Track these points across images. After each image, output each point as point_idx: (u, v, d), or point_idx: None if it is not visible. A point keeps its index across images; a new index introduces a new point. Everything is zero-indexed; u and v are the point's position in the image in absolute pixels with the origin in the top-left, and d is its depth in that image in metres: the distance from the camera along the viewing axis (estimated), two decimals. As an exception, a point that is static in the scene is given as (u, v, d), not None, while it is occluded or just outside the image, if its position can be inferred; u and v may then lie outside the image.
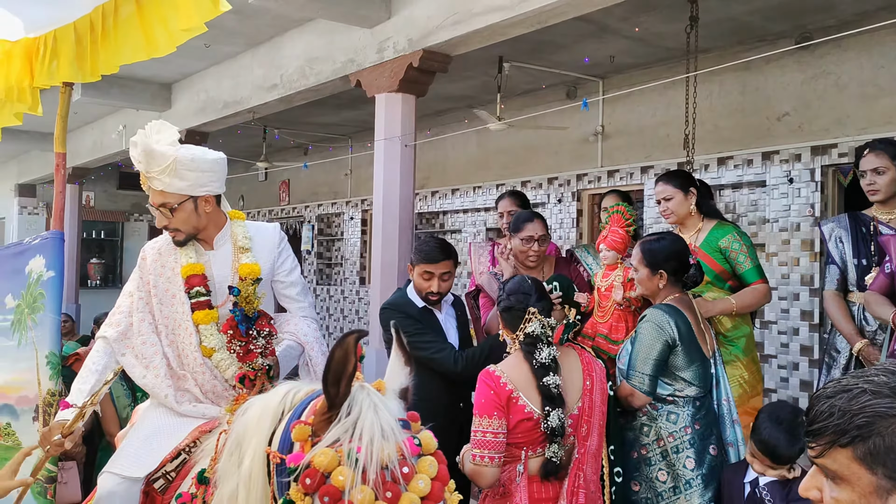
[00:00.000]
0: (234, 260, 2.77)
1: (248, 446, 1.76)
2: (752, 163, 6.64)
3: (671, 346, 2.95)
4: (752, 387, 3.71)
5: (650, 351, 2.94)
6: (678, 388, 2.99)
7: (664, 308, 3.02)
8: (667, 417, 2.99)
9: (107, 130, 10.65)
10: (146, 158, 2.56)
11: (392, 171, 5.85)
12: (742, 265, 3.66)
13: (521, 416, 2.63)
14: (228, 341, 2.57)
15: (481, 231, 9.38)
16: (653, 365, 2.93)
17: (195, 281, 2.69)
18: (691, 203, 3.74)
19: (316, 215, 12.21)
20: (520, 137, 8.57)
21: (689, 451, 2.94)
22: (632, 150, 7.61)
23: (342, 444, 1.49)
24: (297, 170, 10.99)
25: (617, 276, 3.47)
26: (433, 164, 9.76)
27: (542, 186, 8.51)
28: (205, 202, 2.69)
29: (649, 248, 3.12)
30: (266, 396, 1.83)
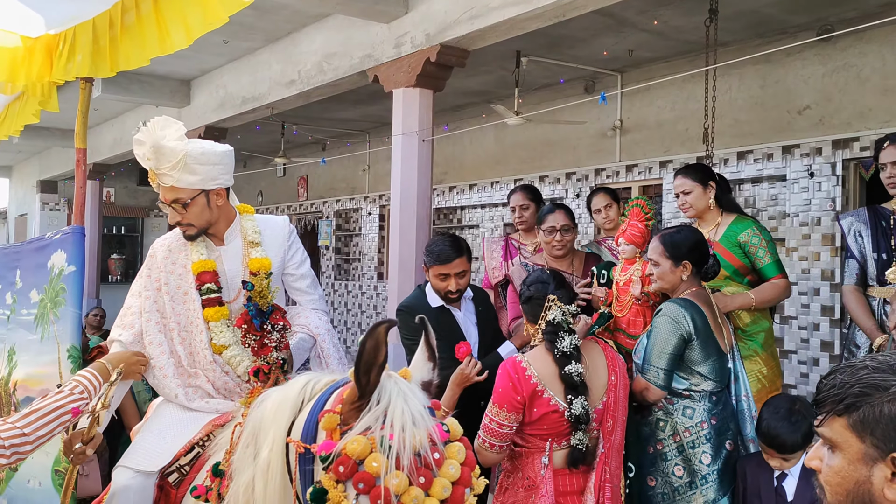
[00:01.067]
0: (245, 255, 2.77)
1: (265, 437, 1.76)
2: (772, 157, 6.59)
3: (687, 340, 2.95)
4: (771, 382, 3.70)
5: (665, 345, 2.94)
6: (694, 382, 2.98)
7: (680, 302, 3.02)
8: (682, 412, 2.98)
9: (127, 127, 10.75)
10: (155, 155, 2.56)
11: (409, 166, 5.86)
12: (761, 260, 3.65)
13: (547, 409, 2.66)
14: (243, 336, 2.57)
15: (499, 227, 9.38)
16: (668, 359, 2.93)
17: (206, 277, 2.69)
18: (710, 197, 3.74)
19: (334, 211, 12.26)
20: (538, 132, 8.56)
21: (706, 445, 2.94)
22: (650, 144, 7.58)
23: (373, 431, 1.52)
24: (315, 165, 11.02)
25: (636, 271, 3.46)
26: (451, 159, 9.76)
27: (561, 181, 8.50)
28: (216, 195, 2.70)
29: (671, 241, 3.10)
30: (283, 388, 1.84)
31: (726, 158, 6.86)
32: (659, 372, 2.93)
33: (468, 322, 3.53)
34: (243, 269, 2.76)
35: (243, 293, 2.68)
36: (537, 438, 2.70)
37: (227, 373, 2.68)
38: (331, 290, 12.25)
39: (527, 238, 4.71)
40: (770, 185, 6.73)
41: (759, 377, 3.67)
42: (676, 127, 7.31)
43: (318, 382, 1.80)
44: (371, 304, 11.35)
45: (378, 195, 11.26)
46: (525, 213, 4.67)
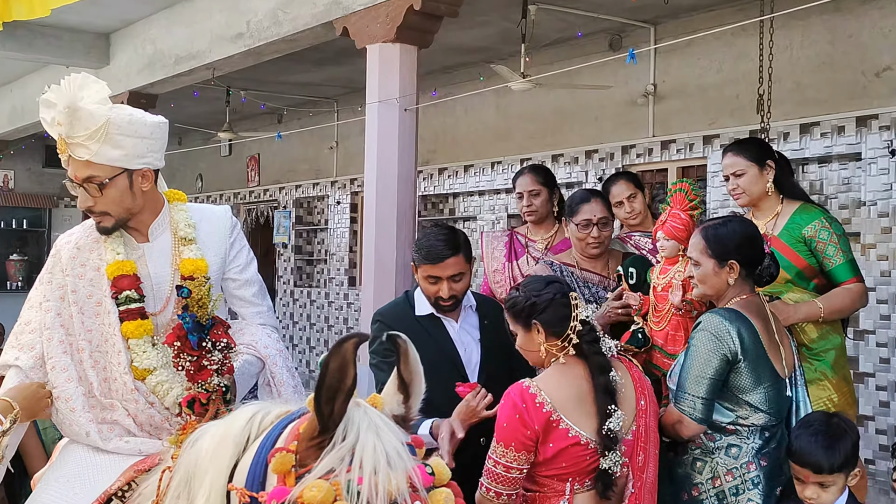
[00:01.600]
0: (175, 254, 2.74)
1: (200, 484, 1.74)
2: (843, 130, 6.64)
3: (731, 361, 2.94)
4: (844, 411, 3.72)
5: (704, 367, 2.93)
6: (741, 414, 2.97)
7: (723, 313, 3.01)
8: (726, 451, 2.98)
9: (30, 93, 10.71)
10: (69, 120, 2.50)
11: (388, 142, 5.87)
12: (831, 259, 3.66)
13: (566, 442, 2.66)
14: (175, 356, 2.51)
15: (501, 218, 9.38)
16: (707, 385, 2.92)
17: (125, 283, 2.64)
18: (768, 180, 3.74)
19: (293, 199, 12.26)
20: (549, 100, 8.54)
21: (753, 492, 2.94)
22: (691, 115, 7.60)
23: (338, 474, 1.50)
24: (270, 142, 11.02)
25: (677, 273, 3.45)
26: (440, 133, 9.73)
27: (579, 162, 8.50)
28: (142, 178, 2.65)
29: (715, 235, 3.09)
30: (223, 422, 1.82)
31: (786, 132, 6.90)
32: (696, 401, 2.92)
33: (467, 338, 3.48)
34: (172, 273, 2.73)
35: (174, 302, 2.66)
36: (554, 480, 2.69)
37: (153, 404, 2.65)
38: (289, 300, 12.23)
39: (537, 232, 4.71)
40: (841, 166, 6.77)
41: (828, 406, 3.68)
42: (724, 93, 7.32)
43: (267, 415, 1.78)
44: (340, 316, 11.35)
45: (349, 179, 11.26)
46: (535, 200, 4.66)
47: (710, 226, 3.17)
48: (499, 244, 4.81)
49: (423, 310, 3.43)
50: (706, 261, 3.10)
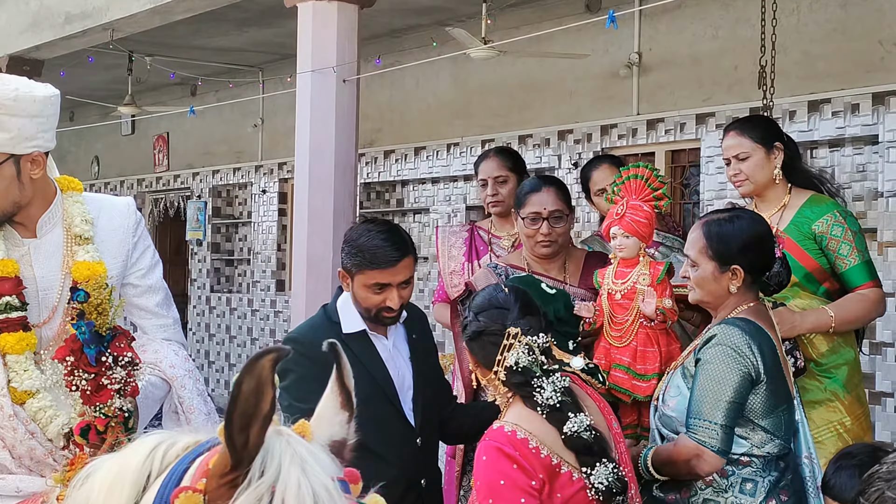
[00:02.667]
0: (67, 255, 2.74)
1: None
2: (857, 109, 6.71)
3: (754, 381, 2.97)
4: (858, 439, 3.74)
5: (724, 389, 2.93)
6: (756, 442, 3.00)
7: (742, 325, 3.02)
8: (740, 488, 2.99)
9: None
10: None
11: (324, 120, 5.89)
12: (845, 260, 3.71)
13: (572, 489, 2.65)
14: (68, 374, 2.50)
15: (459, 210, 9.38)
16: (728, 410, 2.92)
17: (5, 287, 2.63)
18: (776, 165, 3.80)
19: (209, 187, 12.18)
20: (516, 71, 8.55)
21: None
22: (683, 89, 7.66)
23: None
24: (182, 118, 10.92)
25: (641, 276, 3.48)
26: (386, 110, 9.71)
27: (550, 144, 8.52)
28: (32, 163, 2.64)
29: (719, 233, 3.11)
30: (120, 455, 1.77)
31: (792, 111, 6.97)
32: (716, 430, 2.90)
33: (399, 358, 3.48)
34: (63, 277, 2.72)
35: (63, 311, 2.66)
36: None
37: (34, 433, 2.62)
38: (204, 308, 12.15)
39: (502, 227, 4.73)
40: (855, 150, 6.85)
41: (839, 431, 3.72)
42: (720, 64, 7.37)
43: (172, 446, 1.75)
44: (266, 327, 11.29)
45: (277, 164, 11.23)
46: (501, 189, 4.69)
47: (713, 221, 3.18)
48: (457, 241, 4.81)
49: (353, 326, 3.37)
50: (705, 263, 3.11)
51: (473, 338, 2.85)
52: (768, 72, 5.82)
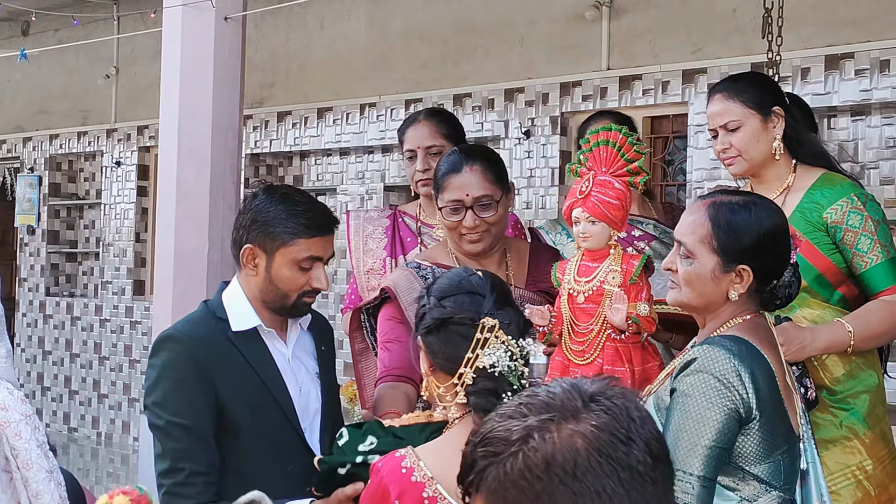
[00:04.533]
0: None
1: None
2: (888, 66, 6.86)
3: (743, 419, 2.99)
4: (883, 487, 3.84)
5: (703, 430, 2.97)
6: (747, 495, 3.05)
7: (730, 346, 3.02)
8: None
9: None
10: None
11: (200, 70, 5.87)
12: (865, 257, 3.83)
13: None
14: None
15: (376, 192, 9.48)
16: (708, 458, 2.96)
17: None
18: (776, 136, 3.92)
19: (46, 157, 12.18)
20: (452, 10, 8.66)
21: None
22: (666, 37, 7.81)
23: None
24: (11, 65, 10.85)
25: (610, 273, 3.54)
26: (282, 58, 9.86)
27: (495, 106, 8.62)
28: None
29: (731, 222, 3.12)
30: None
31: (805, 68, 7.14)
32: (692, 483, 2.95)
33: (302, 371, 3.61)
34: None
35: None
36: None
37: None
38: (38, 316, 12.06)
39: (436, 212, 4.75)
40: (885, 119, 7.01)
41: (858, 478, 3.80)
42: (714, 6, 7.55)
43: None
44: (120, 342, 11.25)
45: (135, 127, 11.26)
46: (434, 162, 4.67)
47: (724, 203, 3.18)
48: (375, 231, 4.85)
49: (243, 322, 3.50)
50: (706, 256, 3.11)
51: (435, 328, 2.90)
52: (775, 17, 5.89)
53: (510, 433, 1.74)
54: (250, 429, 2.54)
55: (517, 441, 1.71)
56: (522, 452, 1.70)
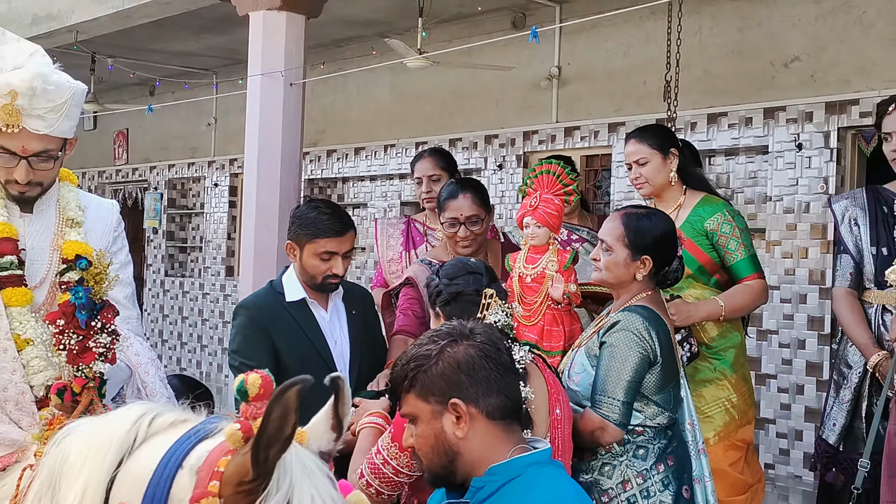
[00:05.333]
0: (58, 233, 2.75)
1: (70, 487, 1.64)
2: (750, 122, 6.84)
3: (651, 362, 3.03)
4: (743, 413, 3.85)
5: (626, 369, 2.99)
6: (649, 414, 3.06)
7: (643, 313, 3.08)
8: (634, 453, 3.04)
9: None
10: (33, 91, 2.53)
11: (272, 120, 5.91)
12: (733, 254, 3.79)
13: None
14: (58, 333, 2.50)
15: (395, 206, 9.41)
16: (628, 388, 2.98)
17: (6, 247, 2.64)
18: (672, 169, 3.86)
19: (166, 180, 12.05)
20: (448, 80, 8.58)
21: (664, 493, 3.02)
22: (597, 100, 7.73)
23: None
24: (141, 117, 10.80)
25: (549, 262, 3.51)
26: (330, 112, 9.70)
27: (478, 147, 8.58)
28: (69, 146, 2.71)
29: (637, 226, 3.17)
30: (101, 421, 1.74)
31: (694, 122, 7.09)
32: (618, 406, 2.96)
33: (337, 329, 3.56)
34: (51, 253, 2.73)
35: (51, 282, 2.67)
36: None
37: (26, 379, 2.61)
38: (159, 291, 12.00)
39: (436, 220, 4.73)
40: (748, 159, 6.98)
41: (726, 407, 3.81)
42: (631, 79, 7.45)
43: (157, 417, 1.69)
44: (216, 309, 11.20)
45: (228, 160, 11.10)
46: (435, 186, 4.69)
47: (633, 214, 3.24)
48: (395, 232, 4.85)
49: (295, 295, 3.49)
50: (620, 249, 3.15)
51: (451, 300, 2.89)
52: (672, 87, 5.91)
53: (430, 351, 2.16)
54: (298, 370, 2.58)
55: (436, 355, 2.15)
56: (440, 360, 2.14)
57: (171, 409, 1.77)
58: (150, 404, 1.76)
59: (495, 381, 2.16)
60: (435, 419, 2.13)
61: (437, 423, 2.13)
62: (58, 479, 1.68)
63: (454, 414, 2.12)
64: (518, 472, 2.12)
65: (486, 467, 2.14)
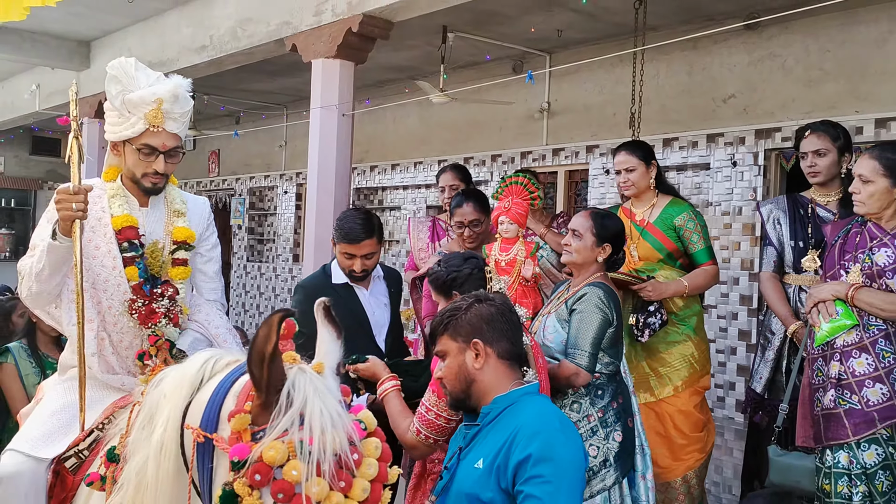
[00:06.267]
0: (168, 222, 2.75)
1: (160, 417, 1.71)
2: (696, 145, 6.81)
3: (610, 323, 3.07)
4: (702, 366, 3.87)
5: (592, 329, 3.03)
6: (605, 363, 3.09)
7: (604, 287, 3.13)
8: (594, 394, 3.09)
9: (19, 90, 10.27)
10: (174, 98, 2.59)
11: (328, 142, 5.82)
12: (695, 245, 3.82)
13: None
14: (132, 301, 2.53)
15: (422, 208, 9.43)
16: (595, 343, 3.03)
17: (130, 234, 2.64)
18: (652, 176, 3.88)
19: (248, 188, 12.08)
20: (463, 112, 8.61)
21: (617, 424, 3.08)
22: (577, 128, 7.72)
23: (291, 434, 1.49)
24: (228, 140, 10.85)
25: (520, 251, 3.53)
26: (372, 137, 9.72)
27: (486, 163, 8.58)
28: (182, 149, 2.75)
29: (602, 221, 3.21)
30: (182, 365, 1.79)
31: (652, 145, 6.93)
32: (587, 356, 3.01)
33: (377, 304, 3.50)
34: (165, 237, 2.73)
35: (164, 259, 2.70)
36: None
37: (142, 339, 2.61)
38: (242, 273, 12.06)
39: (453, 220, 4.74)
40: (694, 174, 6.95)
41: (691, 361, 3.82)
42: (604, 111, 7.45)
43: (219, 360, 1.75)
44: (285, 287, 11.25)
45: (295, 173, 11.15)
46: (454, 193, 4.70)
47: (598, 213, 3.29)
48: (423, 228, 4.85)
49: (339, 279, 3.44)
50: (589, 237, 3.18)
51: (466, 280, 2.93)
52: (636, 117, 5.91)
53: (461, 305, 2.34)
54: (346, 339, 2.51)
55: (465, 308, 2.32)
56: (469, 311, 2.32)
57: (230, 353, 1.80)
58: (215, 350, 1.82)
59: (506, 332, 2.31)
60: (460, 354, 2.28)
61: (461, 357, 2.28)
62: (153, 412, 1.75)
63: (475, 351, 2.26)
64: (514, 400, 2.24)
65: (493, 396, 2.26)
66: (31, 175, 14.74)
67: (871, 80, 5.85)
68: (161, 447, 1.68)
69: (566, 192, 8.02)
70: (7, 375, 3.93)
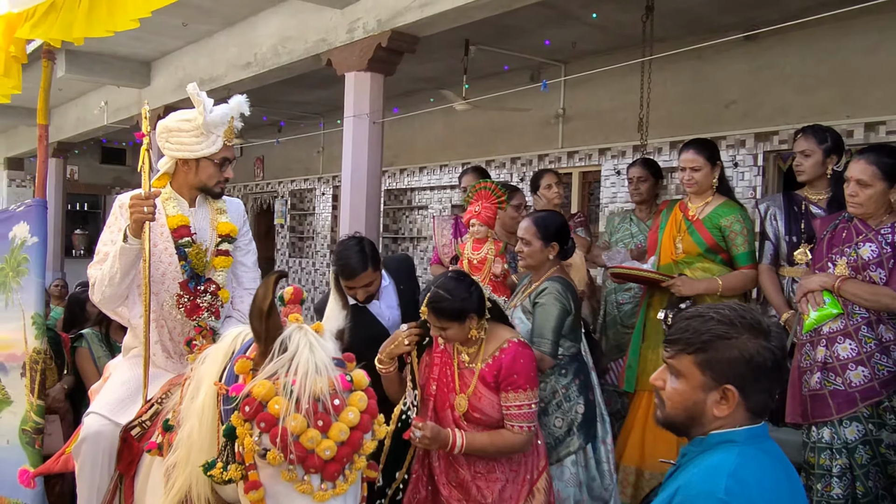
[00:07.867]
0: (213, 219, 2.84)
1: (203, 387, 1.85)
2: (698, 147, 6.80)
3: (568, 313, 3.09)
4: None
5: (551, 319, 3.04)
6: (566, 346, 3.13)
7: (562, 282, 3.14)
8: (559, 373, 3.13)
9: (90, 106, 10.50)
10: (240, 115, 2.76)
11: (360, 147, 5.88)
12: (738, 247, 3.67)
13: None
14: (178, 297, 2.62)
15: (447, 207, 9.48)
16: (557, 331, 3.05)
17: (185, 231, 2.73)
18: (716, 176, 3.70)
19: (289, 191, 12.23)
20: (485, 118, 8.64)
21: (580, 398, 3.14)
22: (590, 132, 7.74)
23: (279, 377, 1.57)
24: (271, 146, 10.96)
25: (490, 250, 3.53)
26: (401, 142, 9.76)
27: (506, 166, 8.62)
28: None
29: (543, 223, 3.20)
30: (219, 341, 1.95)
31: (660, 147, 7.05)
32: (550, 343, 3.02)
33: (387, 309, 3.42)
34: (211, 232, 2.82)
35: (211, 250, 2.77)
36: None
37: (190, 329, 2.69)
38: (285, 267, 12.21)
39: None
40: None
41: None
42: (615, 116, 7.43)
43: (248, 334, 1.84)
44: (323, 280, 11.37)
45: (331, 176, 11.22)
46: None
47: (538, 216, 3.26)
48: (447, 225, 4.85)
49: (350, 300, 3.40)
50: (536, 241, 3.17)
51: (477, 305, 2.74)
52: (645, 122, 5.93)
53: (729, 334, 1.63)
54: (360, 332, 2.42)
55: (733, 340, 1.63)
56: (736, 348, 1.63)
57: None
58: (244, 327, 1.89)
59: (771, 384, 1.67)
60: (701, 389, 1.64)
61: (702, 393, 1.64)
62: (199, 384, 1.89)
63: (720, 395, 1.63)
64: (707, 448, 1.66)
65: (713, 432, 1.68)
66: (101, 182, 15.22)
67: (861, 86, 5.83)
68: (202, 409, 1.81)
69: (580, 192, 8.05)
70: (83, 358, 4.13)
